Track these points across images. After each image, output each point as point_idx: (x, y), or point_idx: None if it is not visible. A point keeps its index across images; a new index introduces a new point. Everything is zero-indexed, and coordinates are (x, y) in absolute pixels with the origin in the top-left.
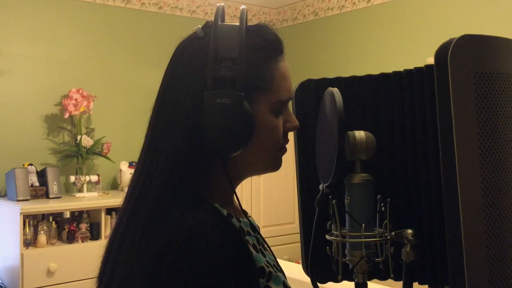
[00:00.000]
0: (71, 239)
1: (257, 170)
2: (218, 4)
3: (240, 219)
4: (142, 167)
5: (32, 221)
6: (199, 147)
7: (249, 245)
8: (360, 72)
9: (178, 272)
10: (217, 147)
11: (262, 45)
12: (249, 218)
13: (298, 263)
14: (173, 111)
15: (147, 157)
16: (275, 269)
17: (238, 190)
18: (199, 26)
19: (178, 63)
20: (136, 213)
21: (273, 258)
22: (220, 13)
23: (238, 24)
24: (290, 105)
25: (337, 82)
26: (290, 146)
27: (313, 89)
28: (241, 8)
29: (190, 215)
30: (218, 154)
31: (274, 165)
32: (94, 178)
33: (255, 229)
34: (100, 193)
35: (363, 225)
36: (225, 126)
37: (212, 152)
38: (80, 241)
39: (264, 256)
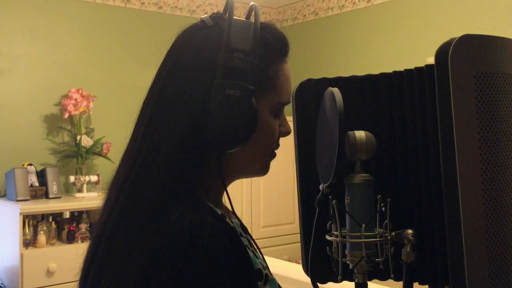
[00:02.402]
0: (70, 239)
1: (248, 172)
2: None
3: (232, 220)
4: (135, 159)
5: (32, 221)
6: (201, 141)
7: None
8: (361, 72)
9: (178, 272)
10: (218, 140)
11: (271, 43)
12: (239, 219)
13: (298, 263)
14: (177, 99)
15: (142, 149)
16: (268, 271)
17: (238, 190)
18: (206, 15)
19: (184, 50)
20: (130, 210)
21: (263, 259)
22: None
23: (249, 20)
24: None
25: (337, 82)
26: (290, 146)
27: (313, 89)
28: (252, 4)
29: (189, 215)
30: (216, 149)
31: (264, 169)
32: (93, 178)
33: (246, 230)
34: (100, 193)
35: (363, 225)
36: (230, 118)
37: (210, 147)
38: (80, 241)
39: (257, 257)
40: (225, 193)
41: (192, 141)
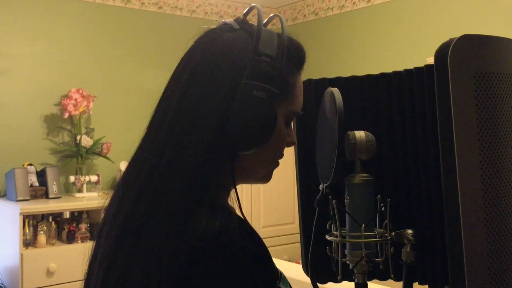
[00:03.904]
0: (70, 239)
1: (252, 178)
2: (254, 5)
3: None
4: (160, 159)
5: (32, 221)
6: (222, 141)
7: None
8: (360, 72)
9: (214, 272)
10: (238, 140)
11: (293, 53)
12: (245, 219)
13: (298, 263)
14: (202, 98)
15: (166, 148)
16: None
17: (237, 190)
18: (230, 19)
19: (210, 49)
20: (156, 211)
21: None
22: (249, 15)
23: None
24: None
25: (337, 82)
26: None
27: (313, 89)
28: (276, 14)
29: (217, 219)
30: (233, 149)
31: (267, 177)
32: (93, 178)
33: (253, 230)
34: (100, 193)
35: (363, 225)
36: (252, 119)
37: (226, 147)
38: (80, 241)
39: None
40: (231, 195)
41: (216, 141)
